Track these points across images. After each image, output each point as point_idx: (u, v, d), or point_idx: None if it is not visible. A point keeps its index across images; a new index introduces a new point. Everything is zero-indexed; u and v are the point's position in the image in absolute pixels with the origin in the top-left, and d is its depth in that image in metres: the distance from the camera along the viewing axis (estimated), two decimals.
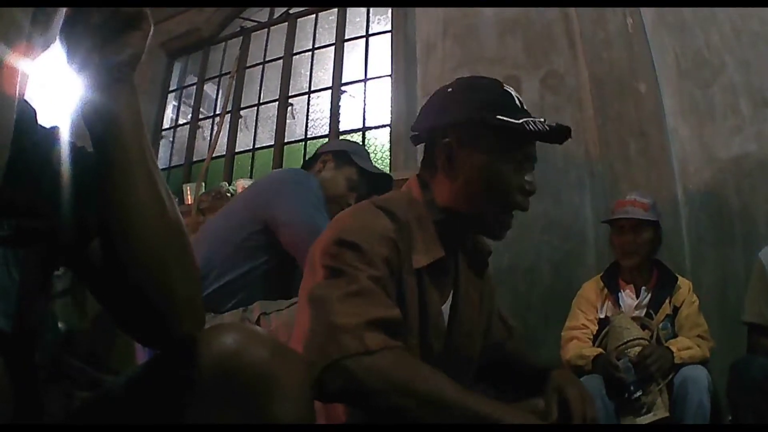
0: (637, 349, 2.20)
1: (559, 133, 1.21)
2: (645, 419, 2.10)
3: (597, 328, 2.43)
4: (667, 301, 2.38)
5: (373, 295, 1.05)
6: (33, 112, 0.80)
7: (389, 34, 4.24)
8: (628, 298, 2.47)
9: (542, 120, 1.18)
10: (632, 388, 2.13)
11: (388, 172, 2.95)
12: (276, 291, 1.92)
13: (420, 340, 1.18)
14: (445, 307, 1.26)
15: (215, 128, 4.65)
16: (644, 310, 2.40)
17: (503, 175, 1.19)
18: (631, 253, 2.45)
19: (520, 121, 1.16)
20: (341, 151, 2.20)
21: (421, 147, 1.33)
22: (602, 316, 2.46)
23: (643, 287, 2.46)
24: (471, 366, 1.34)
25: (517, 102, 1.22)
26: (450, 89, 1.28)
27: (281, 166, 4.27)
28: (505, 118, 1.16)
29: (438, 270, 1.21)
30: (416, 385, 0.98)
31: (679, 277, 2.45)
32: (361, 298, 1.04)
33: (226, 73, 4.86)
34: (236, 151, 4.68)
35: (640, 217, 2.43)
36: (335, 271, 1.08)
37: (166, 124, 5.10)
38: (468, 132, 1.20)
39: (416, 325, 1.17)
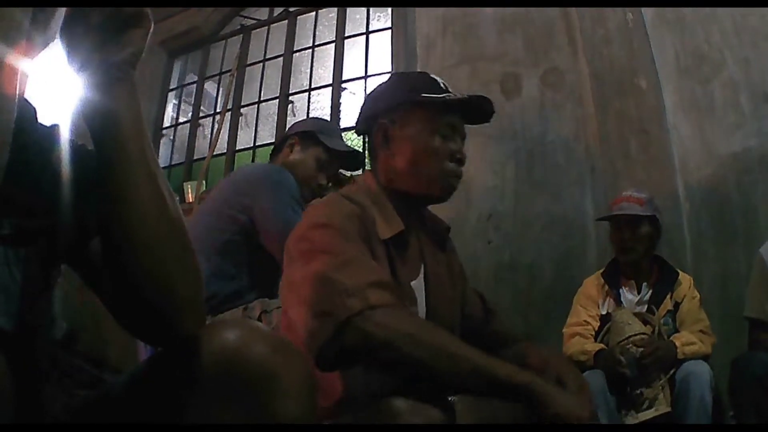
0: (638, 343, 2.20)
1: (483, 110, 1.37)
2: (647, 414, 2.10)
3: (598, 324, 2.43)
4: (668, 296, 2.38)
5: (363, 262, 1.13)
6: (33, 111, 0.80)
7: (389, 31, 4.24)
8: (629, 294, 2.47)
9: (464, 94, 1.33)
10: (634, 383, 2.13)
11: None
12: (263, 290, 1.93)
13: None
14: (419, 282, 1.34)
15: (216, 126, 4.65)
16: (645, 306, 2.40)
17: (431, 144, 1.31)
18: (629, 249, 2.45)
19: (441, 95, 1.31)
20: (308, 132, 2.19)
21: None
22: (603, 312, 2.46)
23: (644, 283, 2.46)
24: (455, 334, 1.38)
25: (442, 85, 1.36)
26: (382, 83, 1.45)
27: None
28: (427, 95, 1.31)
29: (403, 244, 1.30)
30: (424, 336, 1.04)
31: (680, 273, 2.44)
32: (353, 266, 1.10)
33: (226, 71, 4.86)
34: (237, 149, 4.67)
35: (636, 212, 2.44)
36: (319, 252, 1.14)
37: (166, 123, 5.10)
38: (399, 112, 1.35)
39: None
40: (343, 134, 4.17)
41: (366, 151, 1.44)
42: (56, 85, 0.79)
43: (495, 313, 1.53)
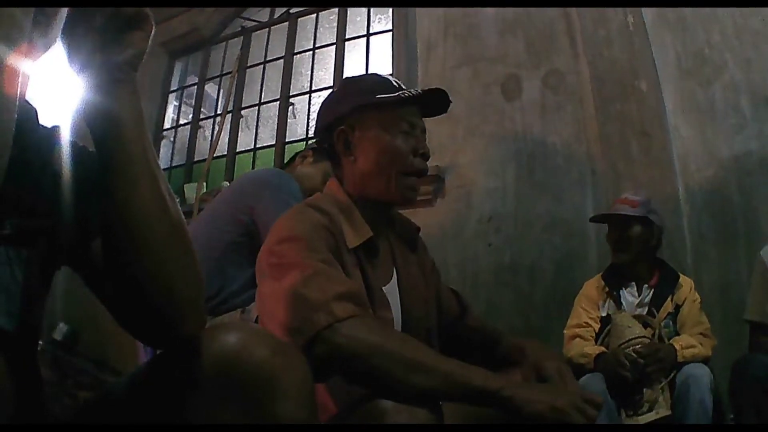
0: (639, 348, 2.20)
1: (439, 102, 1.37)
2: (647, 417, 2.10)
3: (599, 326, 2.43)
4: (669, 299, 2.38)
5: (330, 274, 1.12)
6: (34, 112, 0.81)
7: (390, 33, 4.23)
8: (629, 296, 2.47)
9: (416, 89, 1.33)
10: (634, 386, 2.13)
11: None
12: None
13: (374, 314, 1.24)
14: (392, 287, 1.35)
15: (216, 128, 4.64)
16: (646, 308, 2.40)
17: (394, 144, 1.31)
18: (621, 250, 2.46)
19: (395, 94, 1.31)
20: (323, 148, 2.21)
21: None
22: (604, 314, 2.46)
23: (645, 285, 2.46)
24: (431, 338, 1.39)
25: (394, 83, 1.36)
26: (334, 89, 1.45)
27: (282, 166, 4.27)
28: (382, 96, 1.31)
29: (372, 251, 1.31)
30: (392, 346, 1.04)
31: (681, 275, 2.44)
32: (319, 278, 1.10)
33: (227, 73, 4.86)
34: (237, 150, 4.67)
35: (627, 213, 2.44)
36: (287, 266, 1.14)
37: (167, 124, 5.10)
38: (355, 117, 1.34)
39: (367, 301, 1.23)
40: None
41: (330, 160, 1.43)
42: (57, 87, 0.79)
43: (469, 308, 1.54)
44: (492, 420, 1.13)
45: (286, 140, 4.47)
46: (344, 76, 4.32)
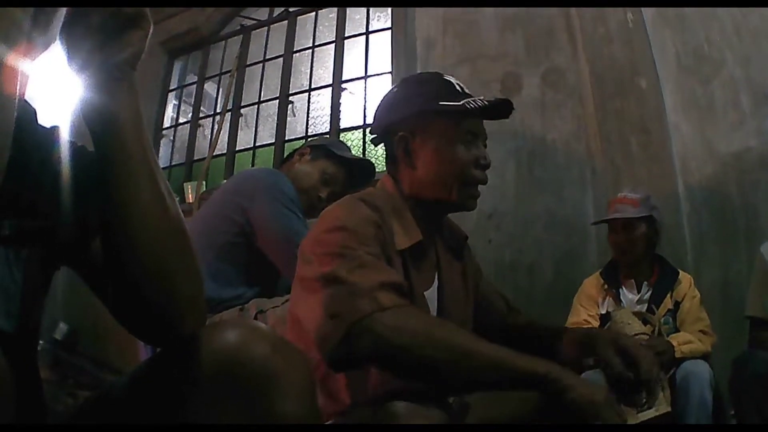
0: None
1: (502, 108, 1.34)
2: (647, 414, 2.09)
3: (599, 323, 2.43)
4: (669, 295, 2.38)
5: (377, 265, 1.11)
6: (33, 112, 0.80)
7: (389, 31, 4.23)
8: (629, 293, 2.47)
9: (482, 98, 1.29)
10: (634, 383, 2.13)
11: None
12: (260, 291, 1.93)
13: None
14: (432, 292, 1.32)
15: (216, 127, 4.64)
16: (645, 305, 2.41)
17: (455, 154, 1.29)
18: (626, 251, 2.46)
19: (461, 102, 1.27)
20: (321, 145, 2.20)
21: None
22: (603, 311, 2.46)
23: (645, 282, 2.46)
24: None
25: (458, 88, 1.33)
26: (396, 89, 1.40)
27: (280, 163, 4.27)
28: (446, 103, 1.28)
29: (419, 254, 1.29)
30: (439, 334, 1.04)
31: (680, 272, 2.45)
32: (366, 269, 1.09)
33: (226, 72, 4.86)
34: (237, 149, 4.67)
35: (630, 215, 2.44)
36: (334, 255, 1.12)
37: (166, 123, 5.10)
38: (417, 123, 1.31)
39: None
40: (343, 135, 4.21)
41: (385, 159, 1.40)
42: (56, 86, 0.79)
43: (518, 311, 1.54)
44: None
45: (286, 138, 4.47)
46: (347, 74, 4.35)
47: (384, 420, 0.99)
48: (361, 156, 3.89)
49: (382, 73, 4.20)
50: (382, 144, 1.39)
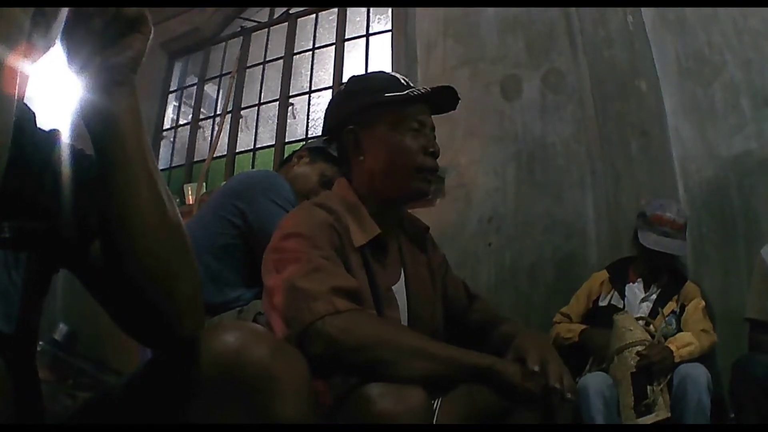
0: (641, 350, 2.19)
1: (449, 99, 1.39)
2: (647, 419, 2.09)
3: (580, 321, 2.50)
4: (675, 298, 2.41)
5: (330, 269, 1.15)
6: (32, 115, 0.80)
7: (390, 33, 4.23)
8: (636, 290, 2.48)
9: (425, 87, 1.33)
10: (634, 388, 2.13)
11: None
12: (259, 293, 1.93)
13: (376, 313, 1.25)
14: (399, 287, 1.35)
15: (216, 128, 4.64)
16: (651, 304, 2.42)
17: (404, 142, 1.32)
18: (653, 268, 2.49)
19: (404, 92, 1.31)
20: (319, 148, 2.21)
21: None
22: (604, 304, 2.48)
23: (654, 283, 2.48)
24: (437, 339, 1.37)
25: (402, 81, 1.36)
26: (342, 87, 1.45)
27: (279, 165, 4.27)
28: (391, 94, 1.32)
29: (380, 250, 1.32)
30: (389, 336, 1.08)
31: (689, 281, 2.49)
32: (320, 273, 1.13)
33: (226, 73, 4.86)
34: (237, 151, 4.67)
35: (680, 252, 2.47)
36: (289, 261, 1.16)
37: (166, 125, 5.10)
38: (365, 116, 1.34)
39: (369, 301, 1.25)
40: None
41: (338, 159, 1.44)
42: (57, 88, 0.79)
43: (477, 298, 1.54)
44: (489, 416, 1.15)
45: (286, 140, 4.47)
46: (348, 76, 4.34)
47: (361, 406, 1.00)
48: None
49: None
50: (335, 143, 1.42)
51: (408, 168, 1.31)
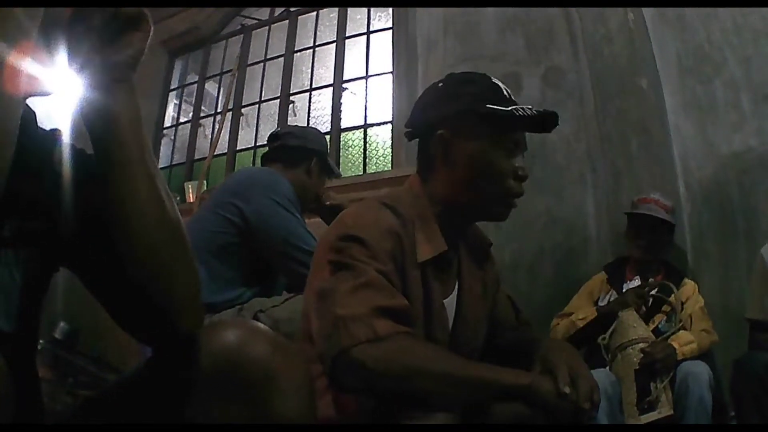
0: (645, 348, 2.19)
1: (547, 121, 1.28)
2: (650, 417, 2.09)
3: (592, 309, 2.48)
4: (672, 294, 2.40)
5: (381, 286, 1.08)
6: (33, 114, 0.80)
7: (390, 31, 4.24)
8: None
9: (530, 107, 1.22)
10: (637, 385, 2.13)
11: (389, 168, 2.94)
12: (259, 290, 1.93)
13: (425, 331, 1.21)
14: (450, 300, 1.29)
15: (216, 126, 4.64)
16: (650, 302, 2.42)
17: (495, 161, 1.23)
18: (646, 250, 2.51)
19: (509, 108, 1.20)
20: (325, 160, 2.21)
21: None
22: (603, 303, 2.49)
23: (650, 279, 2.48)
24: (475, 356, 1.35)
25: (505, 93, 1.26)
26: (441, 84, 1.32)
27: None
28: (494, 107, 1.21)
29: (441, 263, 1.24)
30: (430, 366, 1.03)
31: (685, 278, 2.48)
32: (369, 289, 1.07)
33: (227, 71, 4.86)
34: (238, 149, 4.68)
35: (663, 217, 2.50)
36: (342, 266, 1.11)
37: (167, 123, 5.10)
38: (460, 123, 1.24)
39: (420, 317, 1.20)
40: (344, 135, 4.22)
41: (417, 158, 1.34)
42: (56, 88, 0.79)
43: (526, 326, 1.51)
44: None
45: None
46: (348, 74, 4.35)
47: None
48: (362, 156, 3.90)
49: (382, 73, 4.21)
50: (416, 141, 1.34)
51: (496, 191, 1.24)
